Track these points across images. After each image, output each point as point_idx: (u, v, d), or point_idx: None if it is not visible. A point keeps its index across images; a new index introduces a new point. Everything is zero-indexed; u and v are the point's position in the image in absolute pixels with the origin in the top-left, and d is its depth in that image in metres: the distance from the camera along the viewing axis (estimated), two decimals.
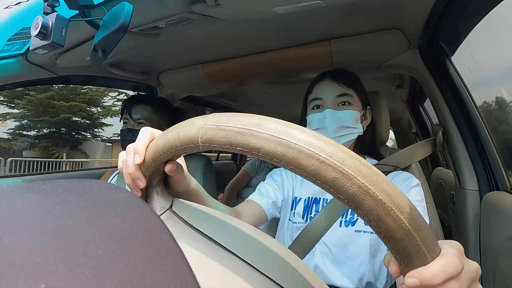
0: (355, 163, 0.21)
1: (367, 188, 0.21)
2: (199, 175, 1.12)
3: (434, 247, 0.22)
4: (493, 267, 0.69)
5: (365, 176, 0.21)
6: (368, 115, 0.79)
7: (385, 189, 0.21)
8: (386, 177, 0.22)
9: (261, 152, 0.23)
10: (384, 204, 0.20)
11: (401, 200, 0.21)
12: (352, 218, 0.69)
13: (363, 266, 0.66)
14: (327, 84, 0.76)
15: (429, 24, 0.75)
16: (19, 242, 0.12)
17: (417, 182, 0.69)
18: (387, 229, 0.21)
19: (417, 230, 0.21)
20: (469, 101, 0.83)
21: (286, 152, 0.22)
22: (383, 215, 0.21)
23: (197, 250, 0.26)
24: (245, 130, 0.24)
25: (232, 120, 0.25)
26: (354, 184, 0.21)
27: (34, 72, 0.93)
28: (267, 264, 0.26)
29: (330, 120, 0.71)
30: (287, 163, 0.22)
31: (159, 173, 0.35)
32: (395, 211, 0.21)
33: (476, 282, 0.24)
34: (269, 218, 0.73)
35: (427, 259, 0.21)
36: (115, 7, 0.53)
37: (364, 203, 0.21)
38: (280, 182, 0.78)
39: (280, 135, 0.23)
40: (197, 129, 0.27)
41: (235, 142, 0.24)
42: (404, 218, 0.21)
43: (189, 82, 1.29)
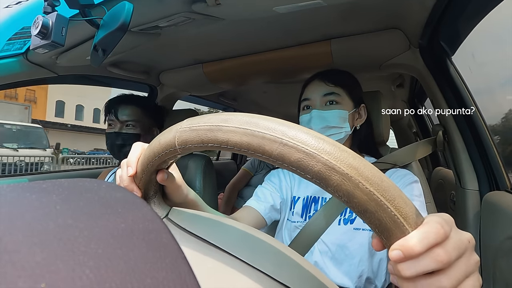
0: (318, 142, 0.22)
1: (331, 164, 0.21)
2: (199, 175, 1.12)
3: (414, 217, 0.21)
4: (493, 267, 0.69)
5: (329, 153, 0.21)
6: (363, 114, 0.79)
7: (351, 163, 0.21)
8: (353, 152, 0.22)
9: (229, 144, 0.24)
10: (351, 177, 0.21)
11: (370, 172, 0.21)
12: (350, 216, 0.70)
13: (362, 264, 0.66)
14: (315, 84, 0.77)
15: (429, 24, 0.75)
16: (19, 241, 0.12)
17: (415, 178, 0.69)
18: (358, 202, 0.21)
19: (390, 200, 0.21)
20: (469, 100, 0.83)
21: (251, 140, 0.23)
22: (351, 189, 0.21)
23: (190, 250, 0.27)
24: (213, 127, 0.25)
25: (203, 120, 0.26)
26: (318, 162, 0.21)
27: (35, 72, 0.93)
28: (260, 258, 0.26)
29: (315, 120, 0.73)
30: (253, 151, 0.23)
31: (153, 184, 0.36)
32: (364, 183, 0.21)
33: (471, 252, 0.23)
34: (269, 222, 0.73)
35: (406, 230, 0.21)
36: (116, 7, 0.53)
37: (331, 179, 0.21)
38: (277, 184, 0.78)
39: (244, 126, 0.24)
40: (173, 133, 0.28)
41: (206, 139, 0.25)
42: (374, 189, 0.21)
43: (189, 81, 1.29)
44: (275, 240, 0.30)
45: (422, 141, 0.88)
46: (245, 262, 0.26)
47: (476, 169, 0.82)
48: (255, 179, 1.87)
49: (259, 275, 0.25)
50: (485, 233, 0.75)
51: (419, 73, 0.96)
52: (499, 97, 1.52)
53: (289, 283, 0.25)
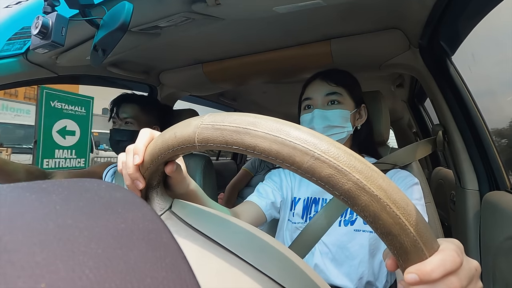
0: (349, 159, 0.21)
1: (362, 184, 0.21)
2: (199, 174, 1.12)
3: (432, 243, 0.22)
4: (493, 267, 0.69)
5: (360, 172, 0.21)
6: (364, 113, 0.79)
7: (381, 184, 0.21)
8: (382, 172, 0.22)
9: (257, 150, 0.23)
10: (379, 199, 0.21)
11: (397, 195, 0.21)
12: (351, 217, 0.70)
13: (362, 265, 0.66)
14: (317, 84, 0.76)
15: (429, 24, 0.75)
16: (19, 241, 0.12)
17: (416, 180, 0.69)
18: (383, 224, 0.21)
19: (414, 226, 0.21)
20: (470, 100, 0.83)
21: (281, 149, 0.23)
22: (379, 211, 0.21)
23: (196, 250, 0.27)
24: (240, 129, 0.24)
25: (228, 119, 0.25)
26: (349, 180, 0.21)
27: (34, 72, 0.93)
28: (266, 262, 0.26)
29: (317, 120, 0.72)
30: (282, 161, 0.23)
31: (158, 174, 0.35)
32: (391, 206, 0.21)
33: (477, 279, 0.24)
34: (269, 219, 0.73)
35: (424, 255, 0.21)
36: (115, 7, 0.53)
37: (359, 199, 0.21)
38: (278, 183, 0.78)
39: (274, 133, 0.23)
40: (193, 129, 0.27)
41: (231, 140, 0.24)
42: (400, 213, 0.21)
43: (189, 81, 1.29)
44: (279, 243, 0.30)
45: (422, 141, 0.88)
46: (250, 263, 0.26)
47: (476, 169, 0.82)
48: (256, 179, 1.87)
49: (264, 278, 0.25)
50: (485, 233, 0.75)
51: (419, 73, 0.96)
52: (500, 97, 1.51)
53: (284, 283, 0.25)
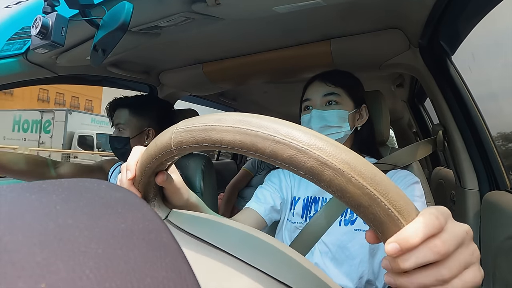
0: (310, 138, 0.22)
1: (324, 159, 0.21)
2: (199, 175, 1.12)
3: (409, 210, 0.21)
4: (493, 267, 0.69)
5: (321, 149, 0.21)
6: (364, 114, 0.79)
7: (343, 158, 0.21)
8: (345, 147, 0.22)
9: (223, 143, 0.25)
10: (343, 172, 0.21)
11: (362, 166, 0.21)
12: (351, 217, 0.70)
13: (362, 265, 0.66)
14: (316, 85, 0.77)
15: (429, 24, 0.75)
16: (19, 241, 0.12)
17: (416, 179, 0.69)
18: (351, 197, 0.21)
19: (384, 194, 0.21)
20: (470, 100, 0.83)
21: (244, 139, 0.24)
22: (344, 183, 0.21)
23: (191, 252, 0.27)
24: (207, 127, 0.25)
25: (197, 121, 0.27)
26: (310, 157, 0.21)
27: (34, 72, 0.93)
28: (260, 258, 0.26)
29: (315, 120, 0.73)
30: (247, 149, 0.24)
31: (152, 186, 0.37)
32: (356, 177, 0.21)
33: (469, 243, 0.23)
34: (269, 223, 0.73)
35: (401, 223, 0.21)
36: (115, 7, 0.53)
37: (323, 175, 0.21)
38: (277, 184, 0.78)
39: (237, 125, 0.24)
40: (169, 134, 0.28)
41: (200, 139, 0.26)
42: (367, 183, 0.21)
43: (189, 81, 1.29)
44: (274, 239, 0.30)
45: (422, 141, 0.88)
46: (245, 262, 0.26)
47: (476, 168, 0.82)
48: (256, 179, 1.87)
49: (259, 274, 0.25)
50: (485, 233, 0.75)
51: (419, 73, 0.96)
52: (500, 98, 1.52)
53: (289, 282, 0.25)
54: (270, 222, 0.74)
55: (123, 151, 1.03)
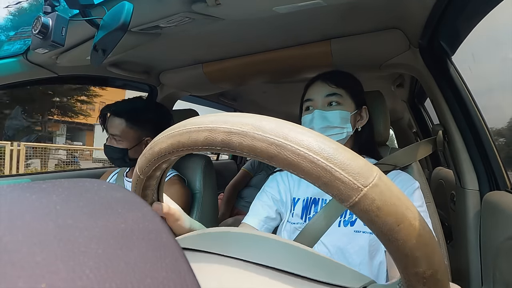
0: (216, 117, 0.25)
1: (228, 129, 0.23)
2: (199, 174, 1.11)
3: (319, 144, 0.21)
4: (493, 267, 0.69)
5: (225, 122, 0.24)
6: (365, 115, 0.79)
7: (246, 121, 0.23)
8: (245, 114, 0.24)
9: (161, 153, 0.28)
10: (247, 132, 0.22)
11: (263, 122, 0.22)
12: (350, 218, 0.69)
13: (362, 267, 0.66)
14: (317, 85, 0.77)
15: (429, 24, 0.75)
16: (19, 241, 0.12)
17: (417, 185, 0.69)
18: (261, 152, 0.22)
19: (287, 138, 0.21)
20: (470, 100, 0.83)
21: (180, 139, 0.26)
22: (251, 142, 0.22)
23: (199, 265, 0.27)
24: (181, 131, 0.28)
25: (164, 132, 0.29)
26: (219, 133, 0.24)
27: (35, 72, 0.93)
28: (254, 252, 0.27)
29: (317, 120, 0.73)
30: (183, 148, 0.27)
31: None
32: (259, 133, 0.22)
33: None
34: (268, 232, 0.74)
35: (313, 157, 0.21)
36: (115, 7, 0.54)
37: (232, 142, 0.23)
38: (275, 188, 0.79)
39: (174, 130, 0.27)
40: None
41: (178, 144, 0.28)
42: (270, 134, 0.22)
43: (189, 81, 1.29)
44: (271, 234, 0.30)
45: (422, 141, 0.88)
46: (242, 260, 0.26)
47: (476, 169, 0.82)
48: (255, 179, 1.87)
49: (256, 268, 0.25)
50: (485, 233, 0.75)
51: (419, 73, 0.96)
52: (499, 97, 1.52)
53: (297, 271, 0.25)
54: (269, 231, 0.75)
55: (120, 162, 1.01)
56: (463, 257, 0.82)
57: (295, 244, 0.29)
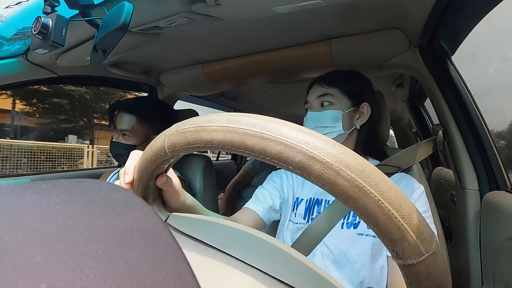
0: (297, 133, 0.22)
1: (311, 153, 0.21)
2: (199, 174, 1.12)
3: (400, 202, 0.21)
4: (493, 267, 0.69)
5: (308, 143, 0.22)
6: (366, 112, 0.77)
7: (331, 151, 0.21)
8: (332, 140, 0.22)
9: (214, 143, 0.25)
10: (331, 165, 0.21)
11: (351, 159, 0.21)
12: (354, 220, 0.69)
13: (363, 270, 0.66)
14: (313, 87, 0.79)
15: (429, 24, 0.75)
16: (19, 241, 0.12)
17: (422, 189, 0.69)
18: (341, 189, 0.21)
19: (373, 186, 0.21)
20: (469, 100, 0.83)
21: (233, 137, 0.24)
22: (333, 177, 0.21)
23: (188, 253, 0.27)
24: (198, 128, 0.26)
25: (189, 122, 0.27)
26: (298, 152, 0.21)
27: (34, 72, 0.93)
28: (257, 257, 0.26)
29: (309, 121, 0.76)
30: (237, 148, 0.24)
31: (151, 190, 0.37)
32: (345, 170, 0.21)
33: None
34: (268, 223, 0.74)
35: (392, 214, 0.21)
36: (115, 7, 0.54)
37: (312, 169, 0.21)
38: (279, 184, 0.78)
39: (227, 124, 0.24)
40: (163, 138, 0.29)
41: (192, 140, 0.26)
42: (356, 175, 0.21)
43: (189, 81, 1.29)
44: (274, 239, 0.30)
45: (422, 141, 0.88)
46: (244, 261, 0.26)
47: (476, 168, 0.82)
48: (256, 179, 1.87)
49: (259, 274, 0.25)
50: (485, 233, 0.75)
51: (419, 73, 0.96)
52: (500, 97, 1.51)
53: (290, 281, 0.25)
54: (269, 221, 0.74)
55: (125, 158, 1.01)
56: (463, 257, 0.82)
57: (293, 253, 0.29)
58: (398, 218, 0.21)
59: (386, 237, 0.21)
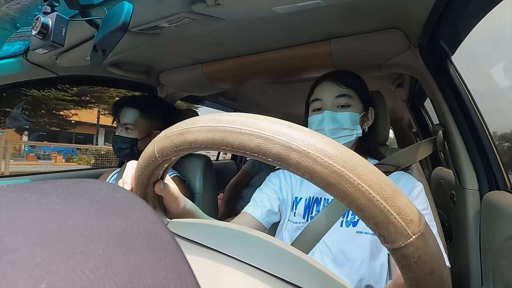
0: (274, 126, 0.23)
1: (288, 143, 0.21)
2: (199, 174, 1.11)
3: (381, 183, 0.21)
4: (493, 267, 0.69)
5: (285, 134, 0.22)
6: (370, 117, 0.79)
7: (308, 141, 0.21)
8: (310, 130, 0.22)
9: (197, 143, 0.25)
10: (308, 153, 0.21)
11: (328, 145, 0.21)
12: (353, 218, 0.69)
13: (363, 268, 0.66)
14: (326, 85, 0.76)
15: (429, 24, 0.75)
16: (19, 241, 0.12)
17: (420, 187, 0.68)
18: (319, 176, 0.21)
19: (352, 170, 0.21)
20: (469, 100, 0.83)
21: (214, 136, 0.24)
22: (311, 164, 0.21)
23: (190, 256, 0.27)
24: (183, 130, 0.26)
25: (175, 127, 0.28)
26: (275, 144, 0.22)
27: (34, 72, 0.93)
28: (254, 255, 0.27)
29: (327, 121, 0.72)
30: (218, 145, 0.24)
31: (150, 198, 0.37)
32: (322, 157, 0.21)
33: None
34: (267, 226, 0.74)
35: (374, 197, 0.20)
36: (115, 7, 0.53)
37: (290, 158, 0.21)
38: (277, 185, 0.78)
39: (209, 124, 0.25)
40: (153, 144, 0.30)
41: (178, 143, 0.27)
42: (334, 161, 0.21)
43: (189, 81, 1.29)
44: (273, 238, 0.30)
45: (422, 141, 0.88)
46: (244, 261, 0.26)
47: (476, 168, 0.82)
48: (256, 179, 1.87)
49: (255, 271, 0.25)
50: (485, 233, 0.75)
51: (419, 73, 0.96)
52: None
53: (291, 279, 0.25)
54: (269, 225, 0.74)
55: (127, 152, 1.04)
56: (463, 257, 0.82)
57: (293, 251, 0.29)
58: (380, 201, 0.20)
59: (370, 221, 0.21)
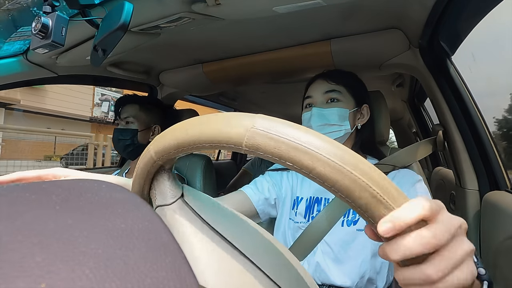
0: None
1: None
2: (199, 174, 1.12)
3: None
4: (493, 267, 0.69)
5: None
6: (366, 113, 0.79)
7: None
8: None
9: (313, 173, 0.22)
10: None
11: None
12: (354, 217, 0.69)
13: (364, 265, 0.66)
14: (317, 83, 0.78)
15: (429, 24, 0.75)
16: (19, 241, 0.12)
17: (418, 177, 0.69)
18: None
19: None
20: (469, 100, 0.83)
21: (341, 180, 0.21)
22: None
23: (208, 248, 0.26)
24: (299, 146, 0.22)
25: (284, 131, 0.23)
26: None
27: (35, 72, 0.93)
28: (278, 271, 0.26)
29: (315, 118, 0.73)
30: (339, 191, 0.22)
31: (174, 159, 0.33)
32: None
33: (462, 238, 0.21)
34: (262, 216, 0.74)
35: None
36: (115, 7, 0.53)
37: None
38: (278, 180, 0.79)
39: (335, 160, 0.22)
40: (242, 130, 0.24)
41: (287, 157, 0.22)
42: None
43: (189, 81, 1.29)
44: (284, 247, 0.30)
45: (422, 141, 0.88)
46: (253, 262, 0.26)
47: (476, 169, 0.82)
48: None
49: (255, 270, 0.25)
50: (485, 233, 0.75)
51: (419, 73, 0.96)
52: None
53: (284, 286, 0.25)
54: (264, 215, 0.74)
55: (127, 143, 1.07)
56: None
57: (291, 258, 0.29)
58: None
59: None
